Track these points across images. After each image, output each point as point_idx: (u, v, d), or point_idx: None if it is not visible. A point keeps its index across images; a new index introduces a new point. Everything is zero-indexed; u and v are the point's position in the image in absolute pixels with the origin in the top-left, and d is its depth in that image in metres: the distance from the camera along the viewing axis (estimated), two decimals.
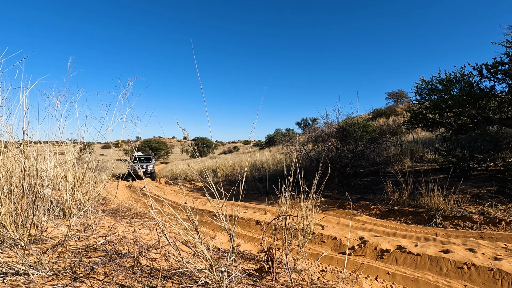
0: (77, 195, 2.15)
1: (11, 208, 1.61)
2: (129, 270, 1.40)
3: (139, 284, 1.26)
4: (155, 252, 1.69)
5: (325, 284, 1.45)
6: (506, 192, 4.18)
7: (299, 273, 1.58)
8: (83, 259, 1.48)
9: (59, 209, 2.19)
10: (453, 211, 3.84)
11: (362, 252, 2.63)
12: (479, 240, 2.84)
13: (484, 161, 5.49)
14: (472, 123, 5.76)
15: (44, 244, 1.70)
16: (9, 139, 1.86)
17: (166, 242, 1.79)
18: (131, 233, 2.13)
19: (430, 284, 1.95)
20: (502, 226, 3.44)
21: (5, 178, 1.68)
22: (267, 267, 1.45)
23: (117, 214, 3.06)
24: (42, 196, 1.98)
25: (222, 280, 1.22)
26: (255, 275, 1.45)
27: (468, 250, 2.49)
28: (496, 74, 5.20)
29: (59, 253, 1.58)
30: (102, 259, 1.51)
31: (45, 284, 1.21)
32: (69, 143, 2.51)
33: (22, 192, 1.72)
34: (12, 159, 1.89)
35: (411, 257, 2.39)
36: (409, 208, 4.25)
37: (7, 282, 1.20)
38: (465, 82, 5.60)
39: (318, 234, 3.22)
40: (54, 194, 2.29)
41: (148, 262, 1.54)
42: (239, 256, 1.90)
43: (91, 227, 2.10)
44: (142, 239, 1.94)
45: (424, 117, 6.25)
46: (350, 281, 1.54)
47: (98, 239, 1.86)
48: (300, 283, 1.43)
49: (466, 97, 5.37)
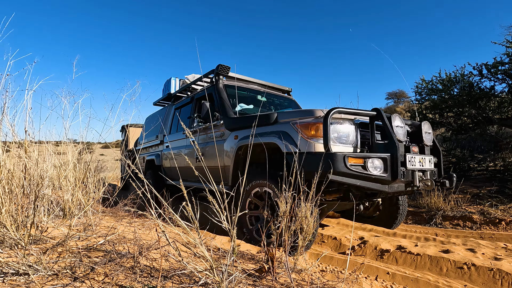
0: (78, 195, 2.15)
1: (11, 208, 1.61)
2: (129, 270, 1.40)
3: (139, 284, 1.26)
4: (155, 252, 1.69)
5: (325, 284, 1.46)
6: (506, 192, 4.18)
7: (299, 273, 1.58)
8: (83, 259, 1.48)
9: (59, 209, 2.20)
10: (453, 211, 3.84)
11: (362, 252, 2.64)
12: (479, 240, 2.84)
13: (484, 161, 5.50)
14: (472, 123, 5.76)
15: (44, 244, 1.70)
16: (12, 139, 1.87)
17: (166, 242, 1.79)
18: (131, 233, 2.13)
19: (430, 284, 1.95)
20: (502, 226, 3.44)
21: (6, 178, 1.68)
22: (267, 267, 1.45)
23: (117, 214, 3.06)
24: (42, 196, 1.98)
25: (223, 281, 1.22)
26: (255, 275, 1.46)
27: (468, 250, 2.49)
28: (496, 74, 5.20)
29: (59, 253, 1.58)
30: (102, 259, 1.51)
31: (45, 284, 1.21)
32: (70, 143, 2.51)
33: (22, 192, 1.73)
34: (13, 159, 1.89)
35: (411, 257, 2.39)
36: (409, 208, 4.25)
37: (7, 282, 1.20)
38: (465, 82, 5.60)
39: (318, 234, 3.22)
40: (54, 194, 2.30)
41: (148, 262, 1.55)
42: (239, 256, 1.90)
43: (91, 227, 2.10)
44: (142, 239, 1.94)
45: (424, 117, 6.25)
46: (350, 281, 1.54)
47: (98, 239, 1.87)
48: (300, 283, 1.43)
49: (466, 97, 5.37)
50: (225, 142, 3.09)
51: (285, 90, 4.56)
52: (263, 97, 4.02)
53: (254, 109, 3.74)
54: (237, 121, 3.03)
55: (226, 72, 3.63)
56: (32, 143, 2.08)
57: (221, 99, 3.37)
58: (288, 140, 2.31)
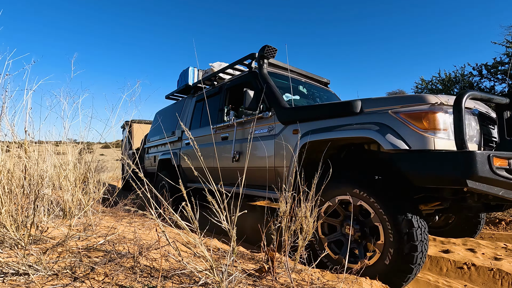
0: (78, 195, 2.15)
1: (11, 208, 1.61)
2: (129, 270, 1.40)
3: (139, 284, 1.26)
4: (155, 252, 1.69)
5: (325, 284, 1.46)
6: None
7: (299, 273, 1.58)
8: (83, 259, 1.48)
9: (59, 209, 2.20)
10: None
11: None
12: (479, 240, 2.85)
13: None
14: None
15: (44, 244, 1.70)
16: (12, 139, 1.87)
17: (166, 242, 1.79)
18: (131, 233, 2.13)
19: (430, 284, 1.95)
20: (502, 226, 3.44)
21: (6, 178, 1.68)
22: (267, 267, 1.45)
23: (117, 214, 3.06)
24: (42, 196, 1.99)
25: (223, 281, 1.22)
26: (255, 275, 1.46)
27: (468, 250, 2.49)
28: (496, 74, 5.20)
29: (59, 253, 1.58)
30: (102, 259, 1.51)
31: (45, 284, 1.21)
32: (70, 143, 2.51)
33: (22, 192, 1.73)
34: (13, 159, 1.89)
35: None
36: None
37: (7, 282, 1.20)
38: (465, 82, 5.60)
39: None
40: (54, 194, 2.30)
41: (148, 262, 1.55)
42: (239, 256, 1.90)
43: (91, 227, 2.10)
44: (142, 239, 1.94)
45: None
46: (350, 281, 1.54)
47: (98, 239, 1.87)
48: (300, 283, 1.43)
49: None
50: (276, 138, 2.58)
51: (324, 82, 4.02)
52: (304, 87, 3.45)
53: (300, 100, 3.25)
54: (297, 112, 2.47)
55: (273, 55, 3.02)
56: (32, 143, 2.08)
57: (269, 86, 2.81)
58: (390, 134, 1.79)
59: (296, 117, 2.44)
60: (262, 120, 2.79)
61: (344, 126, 2.03)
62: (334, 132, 2.04)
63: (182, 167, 4.07)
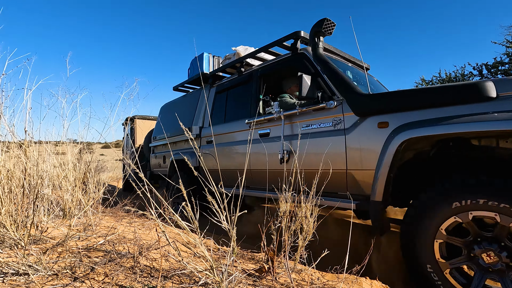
0: (78, 195, 2.16)
1: (11, 208, 1.61)
2: (129, 270, 1.40)
3: (139, 284, 1.26)
4: (155, 252, 1.69)
5: (325, 284, 1.46)
6: None
7: (299, 273, 1.58)
8: (83, 259, 1.48)
9: (59, 209, 2.20)
10: None
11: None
12: None
13: None
14: None
15: (44, 244, 1.70)
16: (11, 139, 1.87)
17: (166, 242, 1.79)
18: (131, 233, 2.13)
19: None
20: None
21: (6, 178, 1.68)
22: (267, 267, 1.45)
23: (117, 214, 3.06)
24: (42, 196, 1.99)
25: (223, 281, 1.22)
26: (255, 275, 1.46)
27: None
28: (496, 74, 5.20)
29: (59, 253, 1.58)
30: (102, 259, 1.51)
31: (45, 284, 1.21)
32: (70, 143, 2.52)
33: (22, 192, 1.73)
34: (13, 159, 1.89)
35: None
36: None
37: (7, 282, 1.20)
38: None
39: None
40: (54, 194, 2.30)
41: (148, 262, 1.55)
42: (239, 256, 1.90)
43: (91, 227, 2.10)
44: (142, 239, 1.94)
45: None
46: (350, 281, 1.54)
47: (98, 239, 1.87)
48: (300, 283, 1.43)
49: None
50: (348, 134, 2.06)
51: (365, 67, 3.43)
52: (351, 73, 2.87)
53: None
54: (385, 100, 1.90)
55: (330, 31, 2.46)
56: (31, 143, 2.08)
57: (332, 69, 2.29)
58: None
59: (384, 106, 1.91)
60: (322, 112, 2.28)
61: (473, 116, 1.51)
62: (459, 125, 1.51)
63: (206, 169, 3.65)
